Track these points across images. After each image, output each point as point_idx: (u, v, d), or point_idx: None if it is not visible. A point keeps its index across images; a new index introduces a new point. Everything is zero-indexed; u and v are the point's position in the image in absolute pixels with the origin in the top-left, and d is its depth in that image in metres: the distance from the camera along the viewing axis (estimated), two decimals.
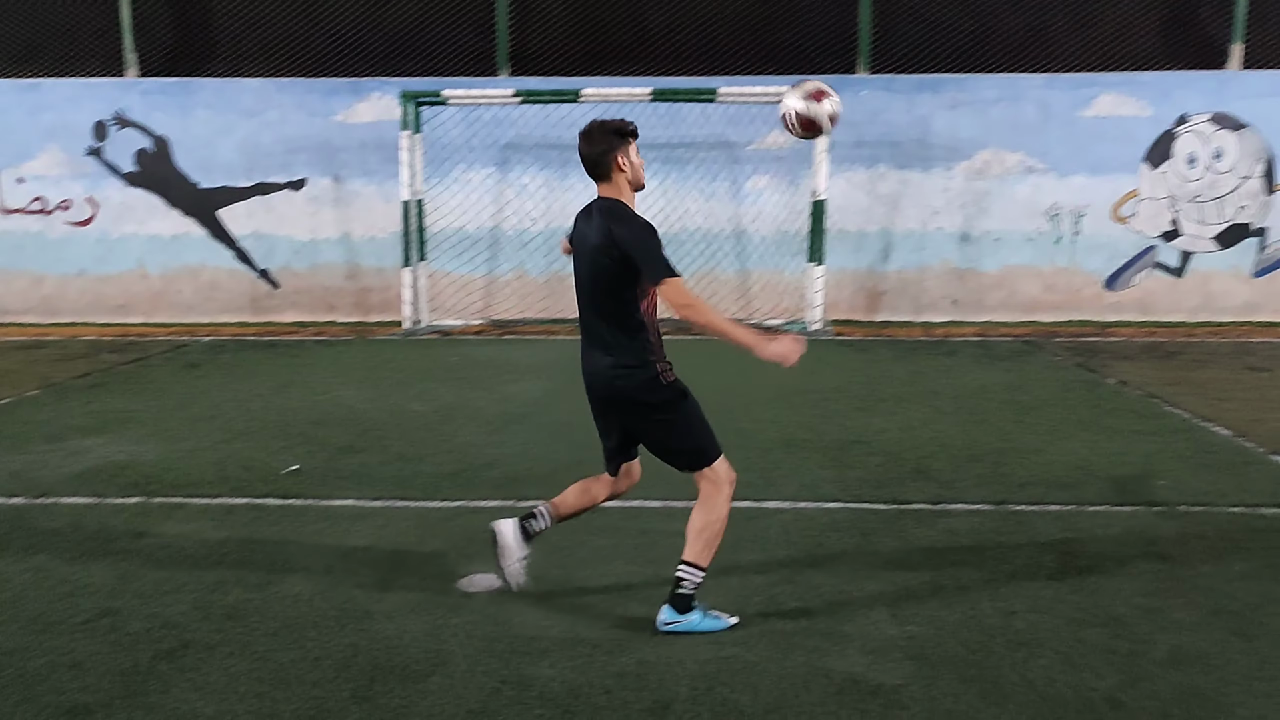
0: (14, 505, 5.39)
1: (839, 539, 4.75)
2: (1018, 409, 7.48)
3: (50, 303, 12.47)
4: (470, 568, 4.42)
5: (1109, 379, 8.59)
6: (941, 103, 11.98)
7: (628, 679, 3.42)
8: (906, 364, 9.46)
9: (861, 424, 7.02)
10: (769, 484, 5.60)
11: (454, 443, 6.59)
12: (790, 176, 12.05)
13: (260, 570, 4.44)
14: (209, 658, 3.63)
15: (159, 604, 4.09)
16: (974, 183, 12.07)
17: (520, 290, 12.33)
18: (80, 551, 4.68)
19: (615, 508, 5.23)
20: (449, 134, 11.93)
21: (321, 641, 3.74)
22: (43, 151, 12.27)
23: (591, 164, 3.93)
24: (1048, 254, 12.16)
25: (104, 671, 3.53)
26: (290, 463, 6.11)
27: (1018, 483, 5.61)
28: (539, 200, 12.20)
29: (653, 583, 4.23)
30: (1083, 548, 4.60)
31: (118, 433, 6.94)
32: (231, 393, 8.25)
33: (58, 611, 4.02)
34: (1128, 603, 3.99)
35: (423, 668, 3.53)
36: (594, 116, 12.84)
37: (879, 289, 12.29)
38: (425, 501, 5.37)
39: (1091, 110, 11.92)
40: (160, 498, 5.50)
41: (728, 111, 11.88)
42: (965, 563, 4.43)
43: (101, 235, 12.36)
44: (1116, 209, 12.04)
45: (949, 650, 3.60)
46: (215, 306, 12.43)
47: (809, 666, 3.49)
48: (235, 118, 12.16)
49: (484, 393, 8.17)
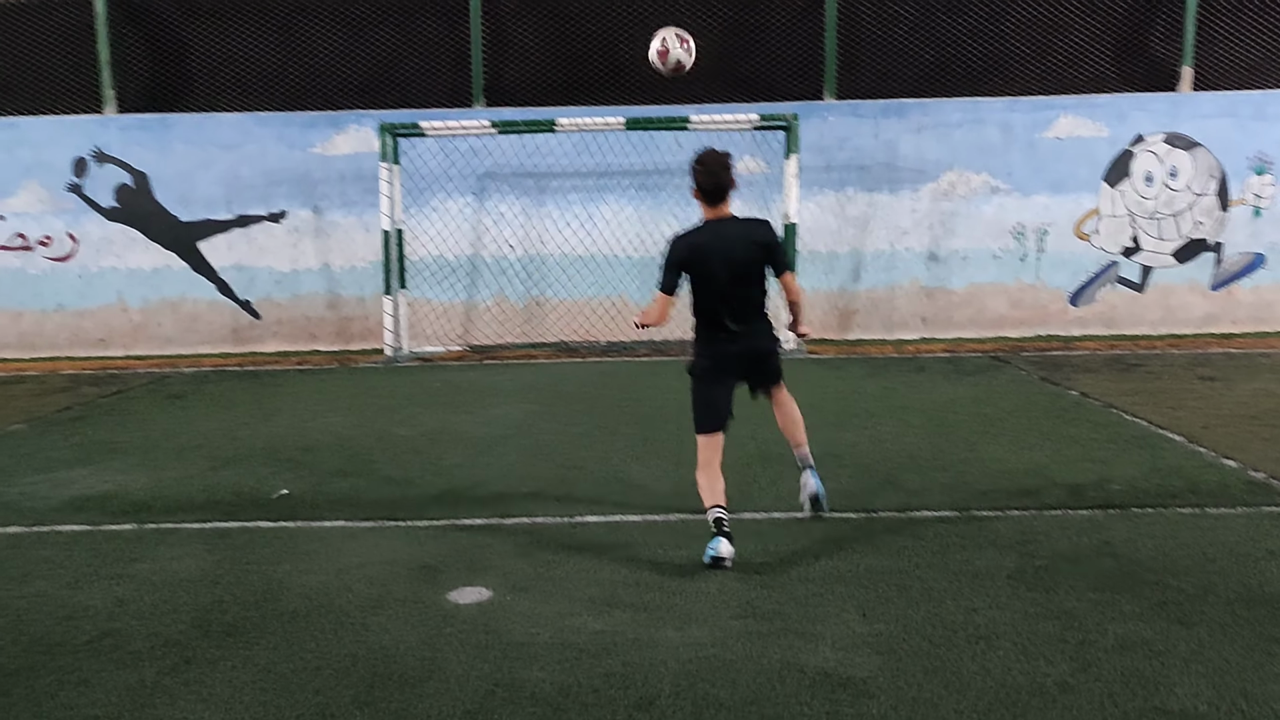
0: (9, 534, 5.52)
1: (813, 546, 4.97)
2: (983, 421, 7.75)
3: (28, 338, 12.56)
4: (460, 580, 4.61)
5: (1071, 391, 8.89)
6: (907, 126, 12.33)
7: (614, 679, 3.62)
8: (878, 380, 9.73)
9: (834, 438, 7.25)
10: (745, 497, 5.82)
11: (440, 465, 6.77)
12: (762, 201, 12.32)
13: (256, 589, 4.60)
14: (212, 671, 3.79)
15: (159, 624, 4.25)
16: (940, 203, 12.41)
17: (500, 315, 12.53)
18: (77, 577, 4.83)
19: (599, 522, 5.46)
20: (427, 164, 12.16)
21: (320, 653, 3.91)
22: (21, 188, 12.39)
23: (720, 188, 5.08)
24: (1014, 271, 12.50)
25: (111, 688, 3.68)
26: (280, 487, 6.28)
27: (981, 490, 5.86)
28: (516, 227, 12.44)
29: (634, 590, 4.44)
30: (1040, 549, 4.85)
31: (104, 463, 7.08)
32: (217, 422, 8.40)
33: (59, 634, 4.17)
34: (1081, 597, 4.23)
35: (419, 674, 3.71)
36: (569, 145, 13.03)
37: (850, 308, 12.59)
38: (414, 521, 5.55)
39: (1051, 131, 12.30)
40: (152, 524, 5.64)
41: (700, 139, 12.16)
42: (931, 565, 4.66)
43: (82, 270, 12.48)
44: (1079, 226, 12.41)
45: (914, 645, 3.82)
46: (196, 338, 12.56)
47: (784, 662, 3.70)
48: (215, 151, 12.34)
49: (467, 416, 8.36)
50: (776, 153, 12.08)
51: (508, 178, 12.38)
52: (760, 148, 12.22)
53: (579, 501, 5.86)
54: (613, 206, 12.40)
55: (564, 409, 8.58)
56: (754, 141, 12.21)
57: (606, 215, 12.40)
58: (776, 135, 12.00)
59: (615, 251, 12.43)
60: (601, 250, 12.42)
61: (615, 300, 12.47)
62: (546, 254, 12.47)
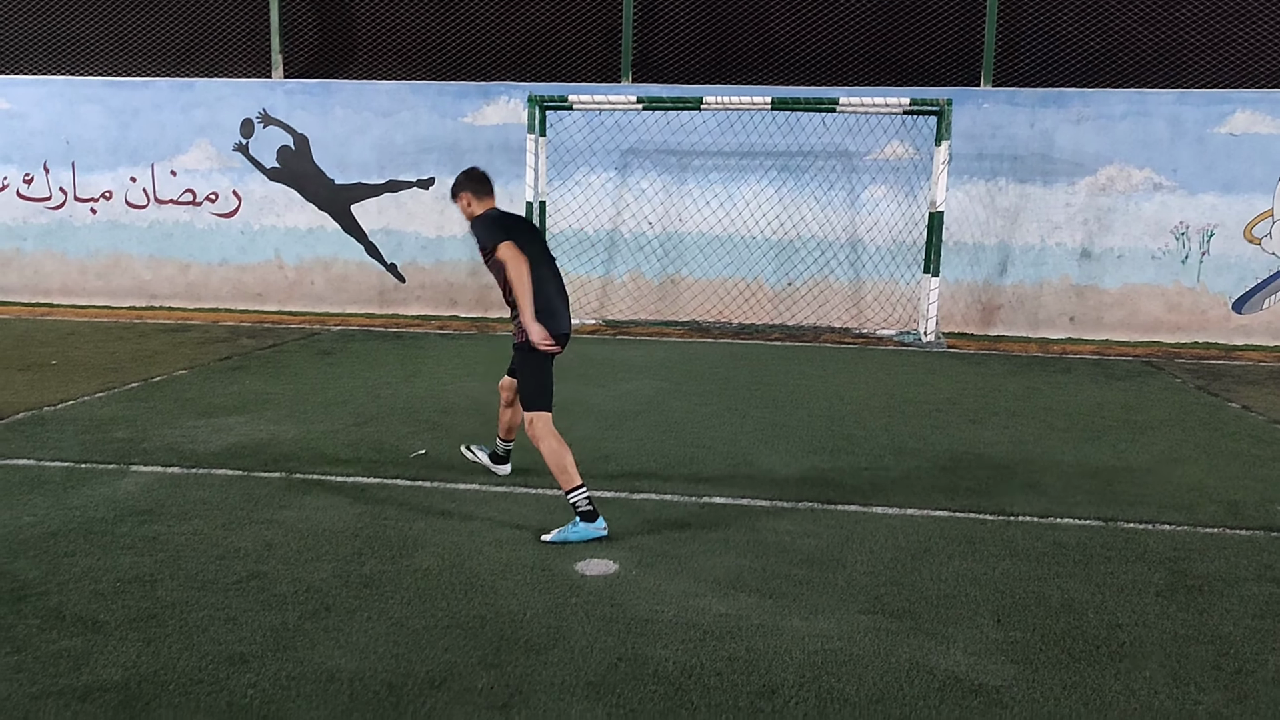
0: (171, 474, 5.86)
1: (945, 545, 4.84)
2: (1133, 429, 7.39)
3: (194, 289, 13.28)
4: (587, 552, 4.67)
5: (1232, 403, 8.39)
6: (1066, 117, 11.81)
7: (737, 663, 3.60)
8: (1020, 379, 9.39)
9: (972, 436, 7.05)
10: (877, 490, 5.71)
11: (571, 435, 6.80)
12: (908, 187, 12.04)
13: (393, 545, 4.76)
14: (349, 620, 3.94)
15: (302, 570, 4.44)
16: (1097, 198, 11.86)
17: (634, 292, 12.61)
18: (230, 519, 5.08)
19: (726, 504, 5.44)
20: (572, 138, 12.30)
21: (451, 611, 4.02)
22: (193, 146, 13.08)
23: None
24: (1173, 273, 11.87)
25: (256, 627, 3.86)
26: (418, 447, 6.47)
27: (1129, 501, 5.59)
28: (656, 205, 12.46)
29: (760, 576, 4.41)
30: (1193, 568, 4.60)
31: (258, 413, 7.43)
32: (361, 380, 8.71)
33: (212, 572, 4.40)
34: (1237, 623, 3.99)
35: (544, 641, 3.77)
36: (714, 124, 12.99)
37: (994, 303, 12.18)
38: (544, 490, 5.64)
39: (1225, 127, 11.59)
40: (299, 474, 5.90)
41: (847, 121, 11.95)
42: (1072, 575, 4.48)
43: (244, 227, 13.11)
44: (1249, 229, 11.68)
45: (1052, 657, 3.68)
46: (345, 298, 13.05)
47: (912, 662, 3.61)
48: (371, 117, 12.76)
49: (599, 389, 8.44)
50: (926, 139, 11.76)
51: (650, 154, 12.40)
52: (909, 133, 11.91)
53: (707, 481, 5.85)
54: (753, 187, 12.29)
55: (694, 388, 8.58)
56: (903, 126, 11.91)
57: (746, 196, 12.30)
58: (927, 121, 11.67)
59: (753, 233, 12.33)
60: (739, 231, 12.34)
61: (750, 282, 12.38)
62: (684, 232, 12.46)
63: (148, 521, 5.00)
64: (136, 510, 5.17)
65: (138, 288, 13.36)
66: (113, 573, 4.34)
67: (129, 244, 13.31)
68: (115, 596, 4.09)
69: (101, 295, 13.38)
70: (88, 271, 13.41)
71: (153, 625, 3.84)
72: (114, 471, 5.85)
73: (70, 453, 6.21)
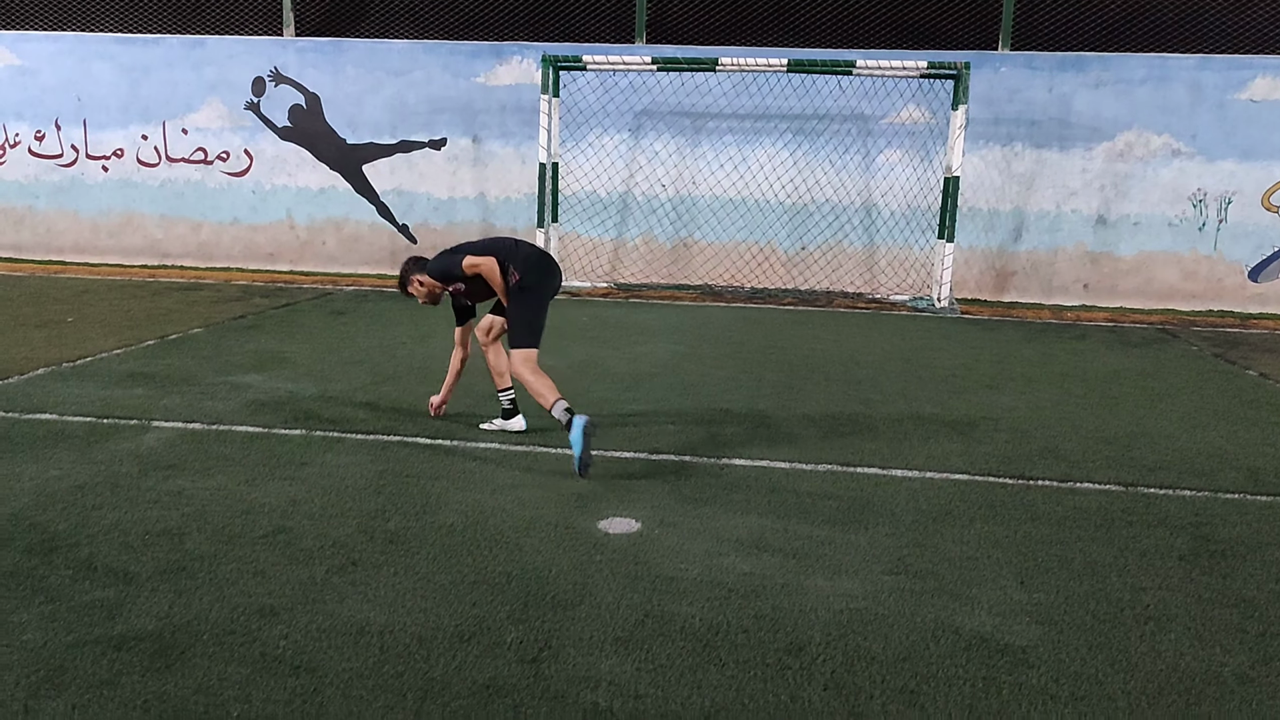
0: (192, 429, 5.88)
1: (966, 509, 4.85)
2: (1151, 395, 7.39)
3: (206, 248, 13.27)
4: (610, 511, 4.69)
5: (1249, 371, 8.38)
6: (1084, 81, 11.70)
7: (764, 621, 3.63)
8: (1035, 346, 9.38)
9: (989, 401, 7.05)
10: (896, 454, 5.72)
11: (589, 397, 6.87)
12: (923, 152, 11.96)
13: (416, 502, 4.78)
14: (376, 575, 3.96)
15: (327, 525, 4.46)
16: (1115, 164, 11.78)
17: (646, 255, 12.57)
18: (253, 475, 5.11)
19: (746, 465, 5.46)
20: (585, 99, 12.21)
21: (477, 568, 4.04)
22: (204, 105, 13.01)
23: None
24: (1189, 241, 11.81)
25: (285, 580, 3.89)
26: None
27: (1149, 467, 5.60)
28: (670, 167, 12.39)
29: (783, 536, 4.43)
30: (1215, 533, 4.61)
31: (276, 371, 7.44)
32: (377, 339, 8.72)
33: (238, 526, 4.43)
34: (1261, 588, 4.01)
35: (571, 597, 3.79)
36: (728, 85, 12.94)
37: (1009, 269, 12.13)
38: (564, 449, 5.65)
39: (1246, 93, 11.49)
40: (320, 431, 5.92)
41: (863, 85, 11.85)
42: (1094, 539, 4.49)
43: (255, 186, 13.07)
44: (1268, 197, 11.60)
45: (1077, 619, 3.70)
46: (357, 258, 13.03)
47: (938, 623, 3.64)
48: (383, 76, 12.67)
49: (614, 351, 8.44)
50: (943, 103, 11.66)
51: (664, 116, 12.32)
52: (926, 97, 11.82)
53: (725, 444, 5.86)
54: (768, 150, 12.21)
55: (709, 351, 8.58)
56: (920, 90, 11.81)
57: (760, 159, 12.23)
58: (944, 85, 11.57)
59: (767, 196, 12.27)
60: (753, 194, 12.28)
61: (764, 246, 12.34)
62: (697, 195, 12.41)
63: (172, 476, 5.02)
64: (160, 465, 5.19)
65: (149, 246, 13.35)
66: (141, 525, 4.37)
67: (140, 203, 13.28)
68: (144, 549, 4.12)
69: (113, 253, 13.38)
70: (99, 230, 13.39)
71: (183, 577, 3.87)
72: (136, 427, 5.87)
73: (92, 408, 6.24)
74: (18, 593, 3.69)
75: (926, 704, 3.10)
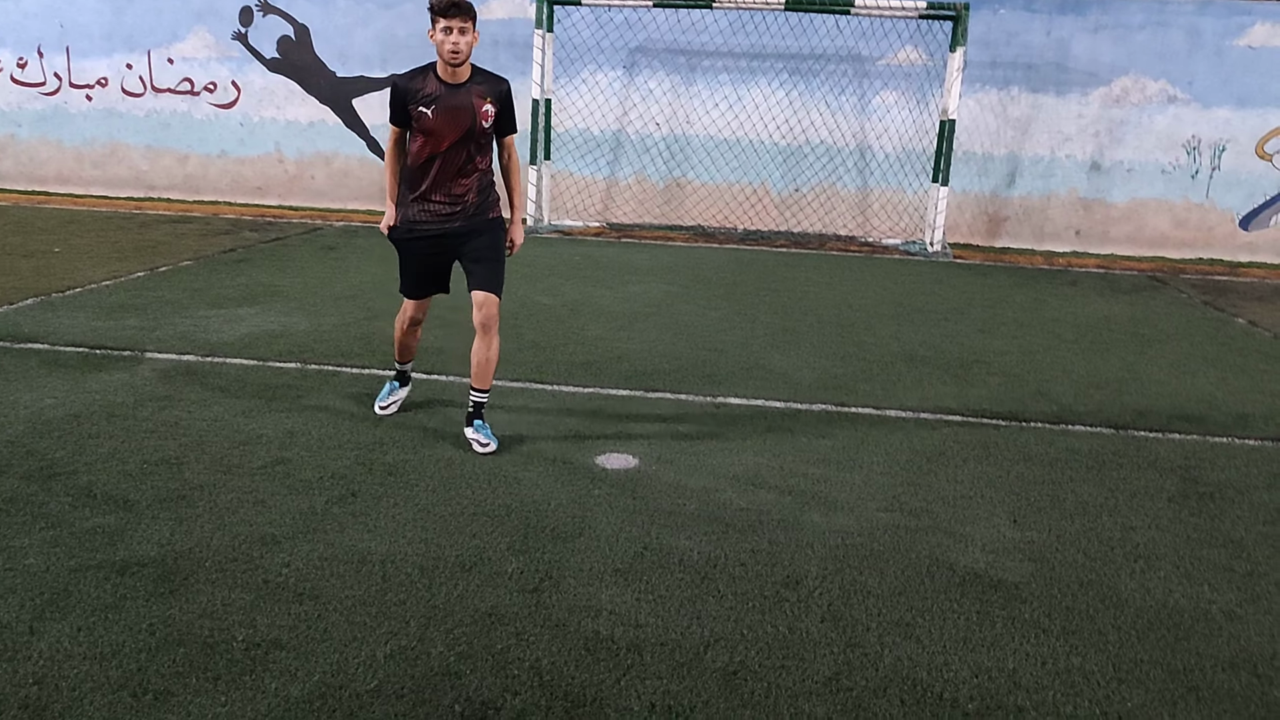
0: (187, 362, 5.86)
1: (960, 449, 4.91)
2: (1141, 341, 7.44)
3: (193, 181, 13.09)
4: (606, 447, 4.72)
5: (1239, 319, 8.44)
6: (1083, 25, 11.57)
7: (760, 555, 3.68)
8: (1027, 291, 9.41)
9: (982, 345, 7.09)
10: (890, 394, 5.76)
11: (583, 335, 6.87)
12: (919, 94, 11.86)
13: (414, 435, 4.80)
14: (375, 506, 3.99)
15: (326, 457, 4.48)
16: (1110, 110, 11.72)
17: (639, 194, 12.48)
18: (249, 407, 5.10)
19: (741, 405, 5.49)
20: (580, 35, 12.02)
21: (476, 500, 4.07)
22: (191, 34, 12.74)
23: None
24: (1182, 188, 11.80)
25: (285, 510, 3.91)
26: (432, 344, 6.47)
27: (1139, 410, 5.66)
28: (664, 106, 12.26)
29: (778, 474, 4.47)
30: (1204, 475, 4.68)
31: (268, 304, 7.40)
32: (368, 275, 8.67)
33: (237, 457, 4.43)
34: (1249, 529, 4.08)
35: (570, 529, 3.83)
36: (725, 23, 12.65)
37: (1001, 214, 12.11)
38: (560, 386, 5.67)
39: (1244, 39, 11.39)
40: (315, 365, 5.91)
41: (861, 25, 11.70)
42: (1085, 480, 4.56)
43: (243, 118, 12.86)
44: (1261, 145, 11.58)
45: (1068, 556, 3.76)
46: (346, 194, 12.89)
47: (932, 559, 3.69)
48: (373, 9, 12.42)
49: (607, 291, 8.42)
50: (941, 45, 11.54)
51: (659, 54, 12.15)
52: (924, 38, 11.68)
53: (721, 383, 5.88)
54: (763, 90, 12.08)
55: (702, 292, 8.57)
56: (918, 31, 11.66)
57: (755, 99, 12.10)
58: (942, 26, 11.43)
59: (761, 137, 12.17)
60: (748, 134, 12.17)
61: (757, 187, 12.27)
62: (691, 135, 12.29)
63: (167, 407, 5.02)
64: (155, 396, 5.18)
65: (135, 178, 13.16)
66: (139, 454, 4.37)
67: (125, 133, 13.07)
68: (143, 477, 4.13)
69: (98, 185, 13.19)
70: (84, 160, 13.19)
71: (183, 505, 3.89)
72: (129, 358, 5.85)
73: (84, 338, 6.20)
74: (18, 518, 3.70)
75: (922, 635, 3.16)
